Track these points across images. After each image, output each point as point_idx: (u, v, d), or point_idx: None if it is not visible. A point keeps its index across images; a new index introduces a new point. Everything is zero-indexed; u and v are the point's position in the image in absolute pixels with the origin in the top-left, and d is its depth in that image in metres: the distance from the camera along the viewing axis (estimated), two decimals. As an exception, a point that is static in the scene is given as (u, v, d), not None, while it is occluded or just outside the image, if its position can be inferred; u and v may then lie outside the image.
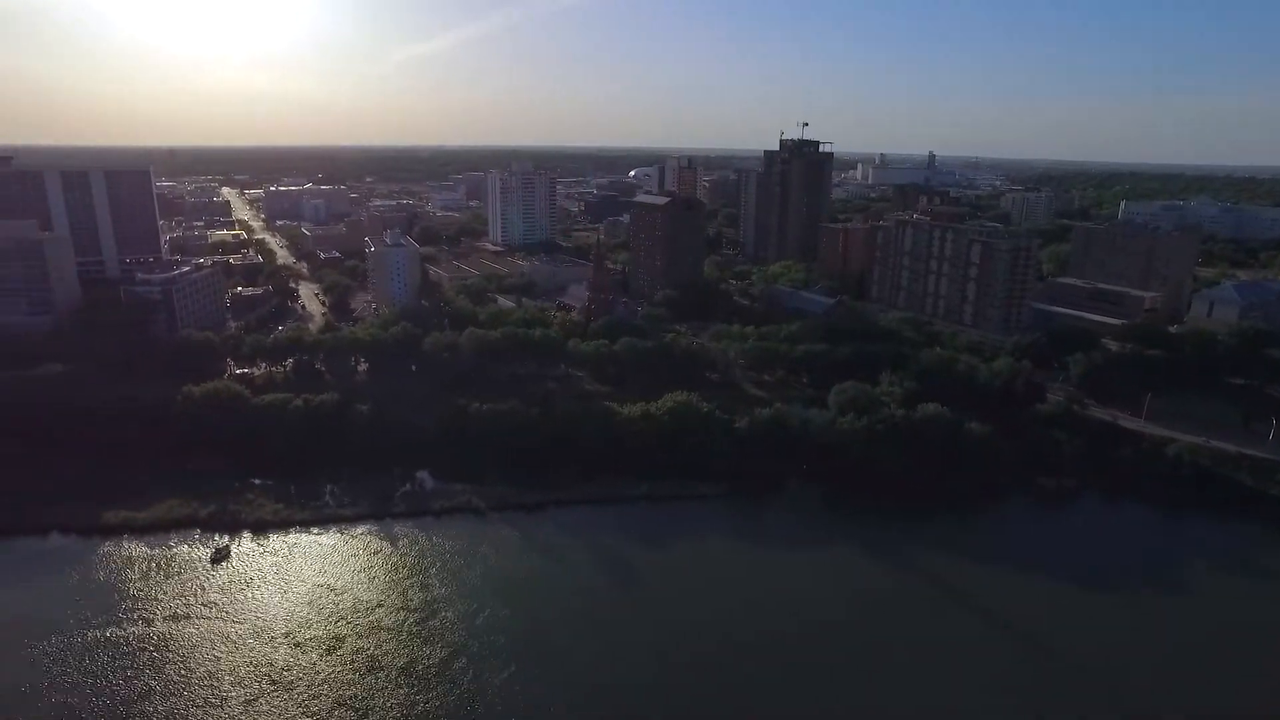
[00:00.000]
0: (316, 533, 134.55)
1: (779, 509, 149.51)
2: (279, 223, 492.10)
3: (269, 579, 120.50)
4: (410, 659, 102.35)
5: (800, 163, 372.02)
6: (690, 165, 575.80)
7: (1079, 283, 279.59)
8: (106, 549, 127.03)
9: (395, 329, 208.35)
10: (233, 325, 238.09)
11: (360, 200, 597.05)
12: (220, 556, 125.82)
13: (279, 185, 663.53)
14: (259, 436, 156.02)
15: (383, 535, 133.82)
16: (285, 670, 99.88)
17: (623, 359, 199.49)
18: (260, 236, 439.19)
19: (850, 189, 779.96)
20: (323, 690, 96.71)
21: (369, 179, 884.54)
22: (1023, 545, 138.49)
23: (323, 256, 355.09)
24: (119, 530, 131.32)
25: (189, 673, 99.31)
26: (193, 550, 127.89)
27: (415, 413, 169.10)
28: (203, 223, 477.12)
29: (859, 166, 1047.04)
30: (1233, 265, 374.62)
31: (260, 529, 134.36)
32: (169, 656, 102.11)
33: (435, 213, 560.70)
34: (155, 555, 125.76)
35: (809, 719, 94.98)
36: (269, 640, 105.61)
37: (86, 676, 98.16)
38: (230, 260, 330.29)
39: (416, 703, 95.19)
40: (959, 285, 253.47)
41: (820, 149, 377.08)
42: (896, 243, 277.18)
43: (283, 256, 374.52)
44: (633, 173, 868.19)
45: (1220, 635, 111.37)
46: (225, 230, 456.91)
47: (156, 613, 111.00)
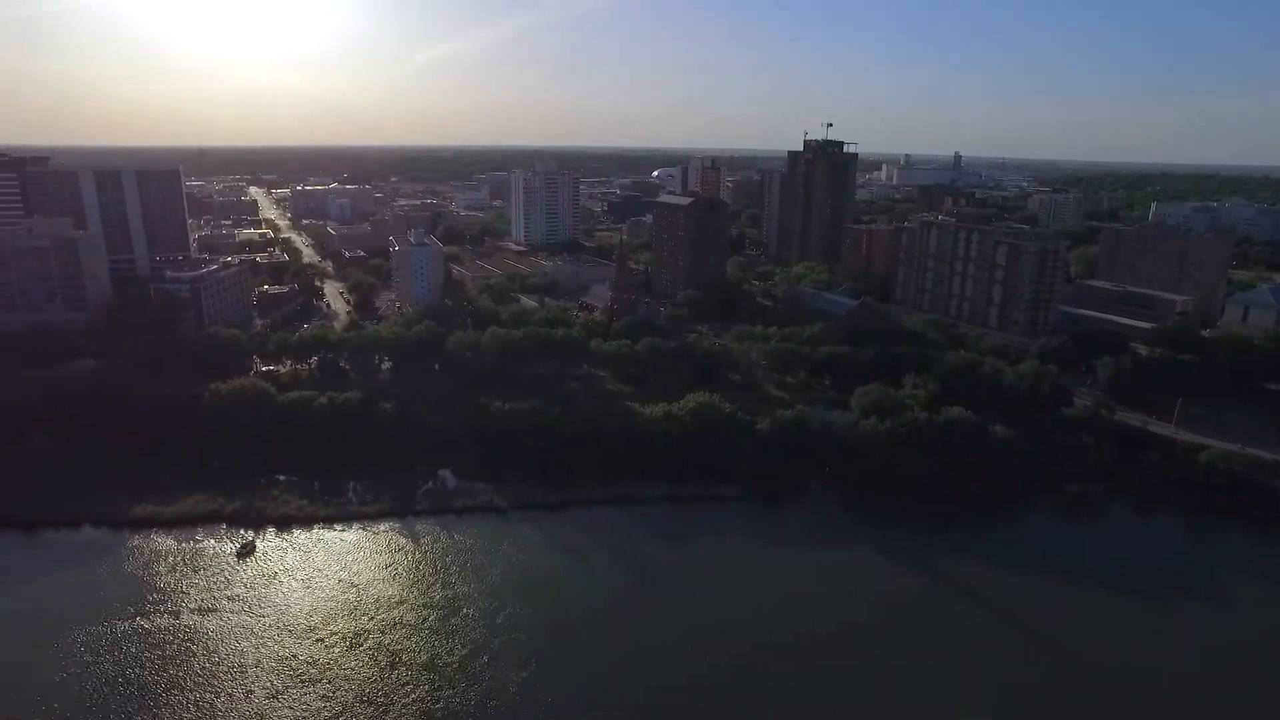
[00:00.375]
0: (340, 529, 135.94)
1: (801, 511, 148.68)
2: (305, 222, 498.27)
3: (293, 574, 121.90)
4: (431, 655, 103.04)
5: (824, 163, 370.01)
6: (714, 165, 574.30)
7: (1108, 285, 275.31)
8: (136, 542, 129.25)
9: (419, 328, 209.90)
10: (259, 323, 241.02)
11: (385, 200, 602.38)
12: (246, 551, 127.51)
13: (305, 185, 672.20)
14: (284, 433, 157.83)
15: (405, 532, 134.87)
16: (309, 664, 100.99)
17: (645, 359, 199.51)
18: (286, 235, 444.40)
19: (875, 190, 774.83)
20: (345, 685, 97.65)
21: (394, 179, 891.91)
22: (1047, 551, 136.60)
23: (347, 255, 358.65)
24: (148, 524, 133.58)
25: (215, 665, 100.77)
26: (219, 545, 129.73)
27: (438, 411, 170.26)
28: (230, 222, 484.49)
29: (884, 167, 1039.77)
30: (1269, 268, 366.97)
31: (284, 525, 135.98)
32: (196, 649, 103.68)
33: (459, 212, 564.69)
34: (183, 549, 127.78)
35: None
36: (293, 635, 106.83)
37: (118, 667, 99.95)
38: (257, 259, 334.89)
39: (438, 699, 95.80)
40: (984, 287, 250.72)
41: (845, 150, 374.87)
42: (921, 244, 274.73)
43: (308, 255, 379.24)
44: (656, 173, 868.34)
45: (1251, 647, 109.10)
46: (252, 229, 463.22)
47: (184, 605, 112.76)
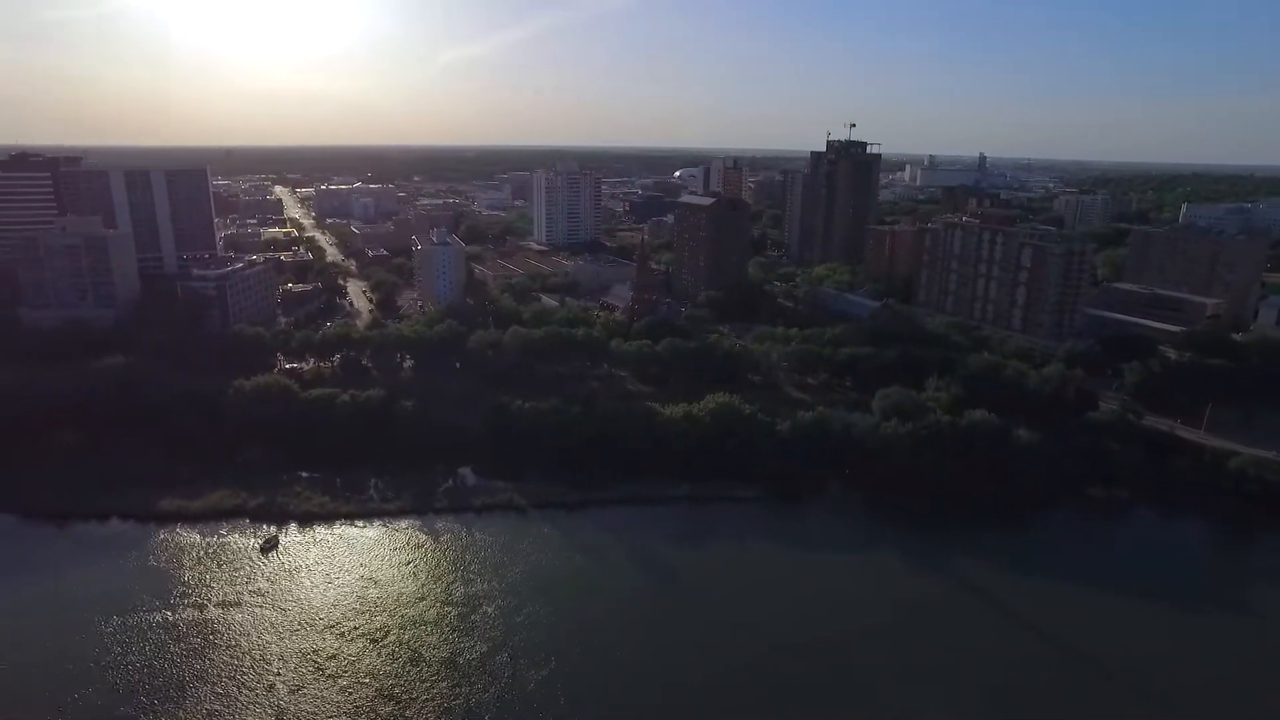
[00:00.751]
0: (361, 526, 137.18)
1: (820, 513, 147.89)
2: (329, 221, 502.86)
3: (315, 570, 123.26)
4: (452, 653, 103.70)
5: (847, 164, 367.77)
6: (735, 166, 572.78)
7: (1136, 288, 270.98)
8: (162, 536, 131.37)
9: (440, 327, 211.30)
10: (283, 321, 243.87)
11: (408, 199, 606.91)
12: (269, 546, 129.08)
13: (329, 184, 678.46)
14: (307, 430, 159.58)
15: (425, 530, 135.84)
16: (330, 659, 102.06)
17: (665, 359, 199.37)
18: (310, 234, 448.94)
19: (898, 191, 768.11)
20: (366, 680, 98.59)
21: (416, 178, 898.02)
22: (1070, 557, 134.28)
23: (370, 254, 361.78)
24: (174, 518, 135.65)
25: (239, 658, 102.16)
26: (243, 539, 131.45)
27: (458, 410, 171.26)
28: (256, 220, 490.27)
29: (907, 168, 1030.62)
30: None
31: (307, 520, 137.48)
32: (220, 641, 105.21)
33: (481, 212, 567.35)
34: (207, 543, 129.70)
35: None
36: (315, 629, 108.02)
37: (145, 657, 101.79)
38: (281, 257, 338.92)
39: (457, 696, 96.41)
40: (1009, 289, 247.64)
41: (868, 150, 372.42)
42: (945, 245, 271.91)
43: (332, 254, 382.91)
44: (677, 173, 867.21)
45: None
46: (277, 228, 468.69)
47: (209, 598, 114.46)
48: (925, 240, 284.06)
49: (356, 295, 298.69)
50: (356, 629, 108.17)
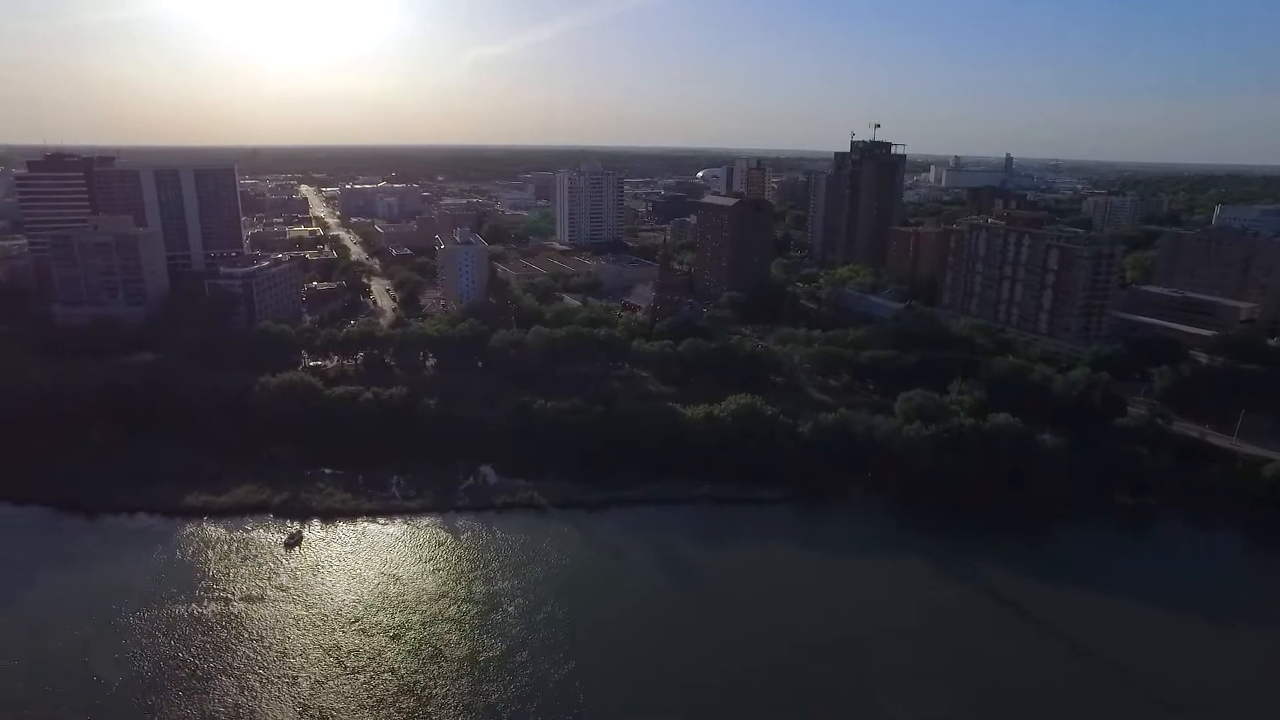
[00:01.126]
0: (383, 523, 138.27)
1: (843, 515, 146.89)
2: (353, 220, 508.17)
3: (338, 566, 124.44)
4: (472, 650, 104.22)
5: (871, 164, 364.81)
6: (759, 166, 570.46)
7: (1166, 291, 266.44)
8: (188, 530, 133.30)
9: (463, 326, 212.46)
10: (307, 319, 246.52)
11: (432, 198, 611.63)
12: (293, 542, 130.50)
13: (354, 183, 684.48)
14: (330, 427, 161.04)
15: (446, 528, 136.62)
16: (352, 654, 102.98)
17: (687, 360, 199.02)
18: (335, 233, 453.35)
19: (923, 192, 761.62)
20: (387, 676, 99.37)
21: (440, 178, 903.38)
22: (1096, 563, 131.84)
23: (394, 253, 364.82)
24: (199, 513, 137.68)
25: (263, 652, 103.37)
26: (267, 535, 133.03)
27: (480, 408, 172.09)
28: (282, 219, 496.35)
29: (932, 169, 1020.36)
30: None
31: (330, 517, 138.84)
32: (244, 635, 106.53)
33: (504, 211, 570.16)
34: (232, 538, 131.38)
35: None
36: (337, 625, 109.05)
37: (171, 649, 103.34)
38: (307, 256, 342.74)
39: (478, 693, 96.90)
40: (1035, 292, 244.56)
41: (892, 151, 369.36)
42: (970, 247, 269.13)
43: (356, 253, 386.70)
44: (700, 173, 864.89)
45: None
46: (303, 227, 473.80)
47: (233, 593, 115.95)
48: (950, 242, 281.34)
49: (380, 294, 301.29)
50: (378, 625, 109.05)
